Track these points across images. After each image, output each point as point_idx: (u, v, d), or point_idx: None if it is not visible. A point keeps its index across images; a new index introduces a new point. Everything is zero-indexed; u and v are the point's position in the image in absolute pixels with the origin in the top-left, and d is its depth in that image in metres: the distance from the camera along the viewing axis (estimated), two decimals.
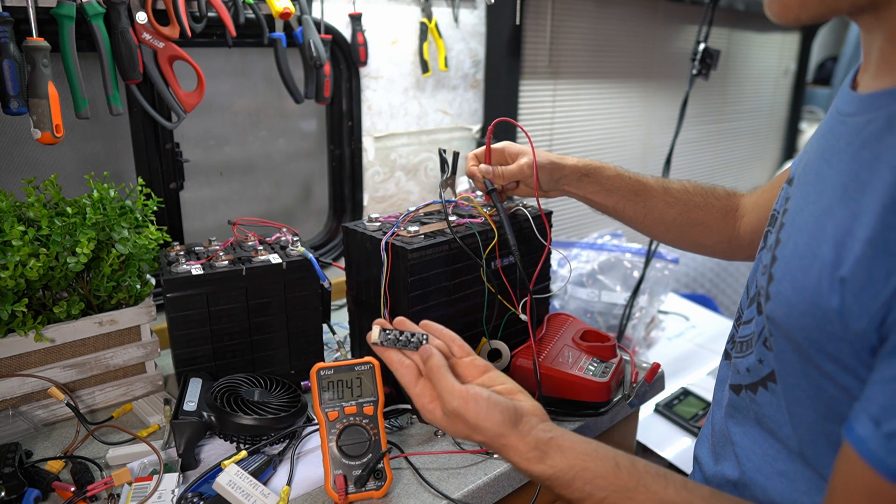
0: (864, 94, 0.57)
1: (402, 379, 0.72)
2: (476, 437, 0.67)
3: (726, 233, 0.99)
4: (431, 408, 0.69)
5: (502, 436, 0.66)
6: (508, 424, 0.66)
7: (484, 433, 0.66)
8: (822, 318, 0.53)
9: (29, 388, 0.94)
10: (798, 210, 0.61)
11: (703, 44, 1.62)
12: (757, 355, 0.65)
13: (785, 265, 0.60)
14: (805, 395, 0.58)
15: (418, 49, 1.55)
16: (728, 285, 2.76)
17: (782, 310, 0.58)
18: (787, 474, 0.62)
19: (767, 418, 0.64)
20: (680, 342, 1.85)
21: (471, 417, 0.65)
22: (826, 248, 0.53)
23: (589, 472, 0.63)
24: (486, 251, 1.00)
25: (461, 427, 0.67)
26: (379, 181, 1.61)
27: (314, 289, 1.06)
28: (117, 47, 1.04)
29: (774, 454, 0.64)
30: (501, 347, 1.03)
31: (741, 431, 0.69)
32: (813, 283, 0.54)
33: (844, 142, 0.57)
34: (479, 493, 0.86)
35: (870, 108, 0.55)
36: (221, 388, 0.93)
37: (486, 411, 0.65)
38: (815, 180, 0.60)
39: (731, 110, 2.91)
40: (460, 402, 0.66)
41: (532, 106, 1.97)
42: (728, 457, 0.71)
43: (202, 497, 0.79)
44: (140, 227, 1.03)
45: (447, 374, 0.69)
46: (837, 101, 0.63)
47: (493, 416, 0.65)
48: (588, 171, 1.00)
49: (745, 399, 0.68)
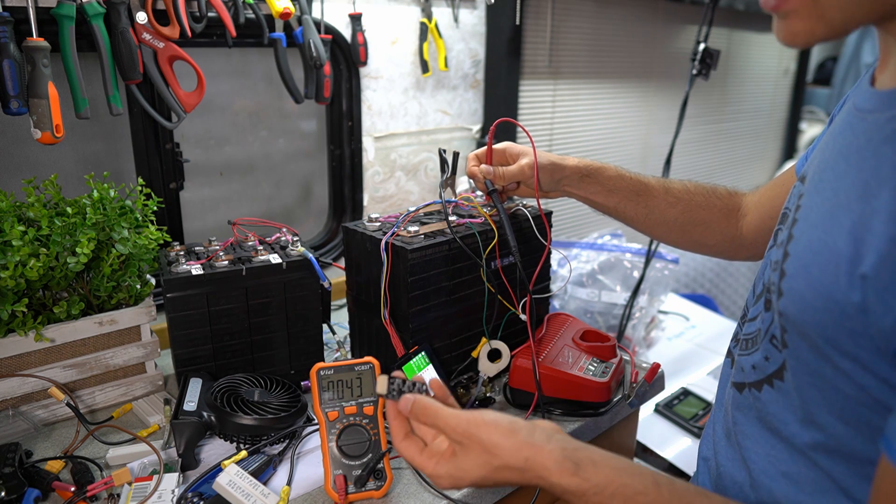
0: (886, 90, 0.57)
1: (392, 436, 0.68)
2: (493, 464, 0.61)
3: (728, 232, 0.99)
4: (422, 461, 0.64)
5: (522, 449, 0.60)
6: (525, 435, 0.61)
7: (502, 452, 0.61)
8: (840, 314, 0.52)
9: (29, 388, 0.94)
10: (813, 206, 0.60)
11: (703, 44, 1.62)
12: (763, 352, 0.65)
13: (798, 260, 0.59)
14: (820, 395, 0.57)
15: (418, 49, 1.55)
16: (728, 285, 2.76)
17: (796, 305, 0.58)
18: (792, 476, 0.61)
19: (772, 416, 0.63)
20: (680, 342, 1.85)
21: (484, 437, 0.61)
22: (841, 242, 0.53)
23: (629, 489, 0.58)
24: (486, 251, 1.00)
25: (472, 458, 0.62)
26: (379, 181, 1.61)
27: (314, 289, 1.06)
28: (117, 47, 1.04)
29: (777, 455, 0.63)
30: (501, 347, 1.03)
31: (745, 432, 0.68)
32: (829, 278, 0.53)
33: (865, 138, 0.57)
34: (479, 493, 0.86)
35: (892, 104, 0.55)
36: (221, 388, 0.93)
37: (498, 427, 0.61)
38: (833, 177, 0.59)
39: (731, 110, 2.91)
40: (469, 425, 0.61)
41: (532, 106, 1.97)
42: (734, 458, 0.70)
43: (202, 497, 0.79)
44: (140, 227, 1.03)
45: (442, 407, 0.64)
46: (855, 98, 0.62)
47: (507, 428, 0.61)
48: (589, 171, 1.00)
49: (748, 397, 0.67)
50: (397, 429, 0.67)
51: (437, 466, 0.64)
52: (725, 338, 1.86)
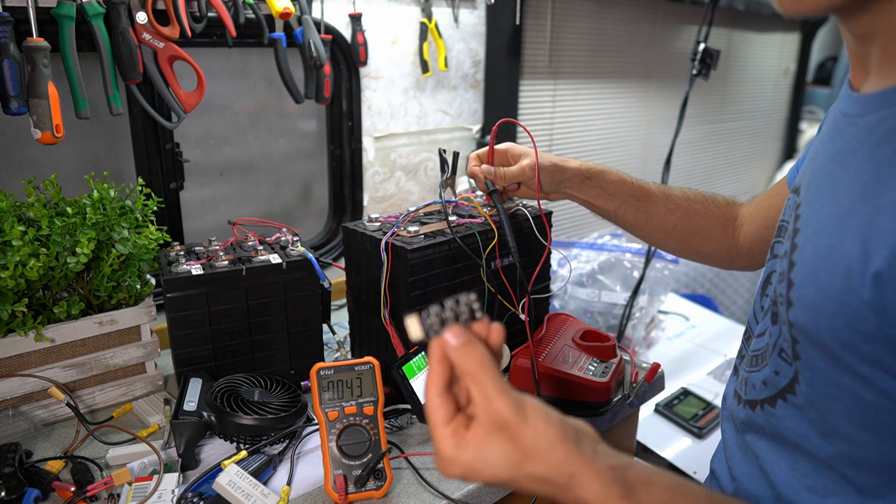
0: (871, 93, 0.57)
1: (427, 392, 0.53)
2: (526, 470, 0.49)
3: (725, 241, 0.99)
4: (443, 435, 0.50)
5: (571, 464, 0.49)
6: (574, 445, 0.49)
7: (544, 462, 0.48)
8: (855, 316, 0.52)
9: (29, 388, 0.94)
10: (813, 214, 0.60)
11: (703, 44, 1.62)
12: (773, 367, 0.64)
13: (805, 268, 0.58)
14: (839, 405, 0.56)
15: (418, 49, 1.55)
16: (728, 285, 2.77)
17: (808, 314, 0.57)
18: (817, 489, 0.60)
19: (790, 431, 0.62)
20: (680, 342, 1.85)
21: (529, 435, 0.48)
22: (851, 245, 0.52)
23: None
24: (486, 251, 1.00)
25: (503, 453, 0.49)
26: (379, 181, 1.61)
27: (314, 289, 1.06)
28: (117, 47, 1.04)
29: (801, 468, 0.61)
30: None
31: (764, 447, 0.66)
32: (840, 281, 0.53)
33: (857, 142, 0.57)
34: (479, 493, 0.86)
35: (880, 105, 0.55)
36: (221, 388, 0.93)
37: (549, 429, 0.49)
38: (829, 183, 0.59)
39: (731, 110, 2.91)
40: (516, 414, 0.48)
41: (532, 106, 1.97)
42: (753, 473, 0.68)
43: (202, 497, 0.79)
44: (140, 227, 1.03)
45: (495, 370, 0.50)
46: (840, 105, 0.63)
47: (558, 433, 0.49)
48: (591, 174, 1.00)
49: (762, 414, 0.66)
50: (437, 376, 0.52)
51: (459, 450, 0.50)
52: (725, 338, 1.87)
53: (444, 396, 0.52)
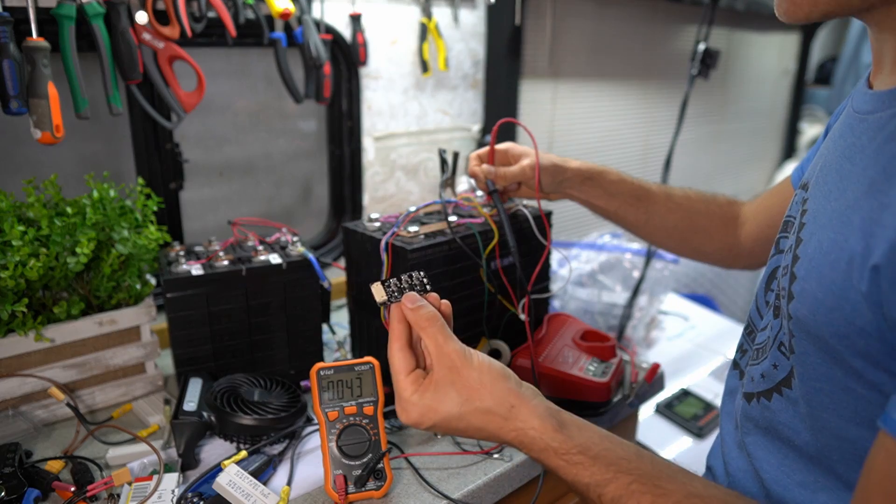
0: (883, 90, 0.58)
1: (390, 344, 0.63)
2: (474, 403, 0.59)
3: (727, 240, 0.99)
4: (406, 383, 0.61)
5: (510, 397, 0.59)
6: (514, 385, 0.59)
7: (487, 395, 0.59)
8: (852, 311, 0.52)
9: (29, 388, 0.94)
10: (819, 209, 0.60)
11: (703, 44, 1.62)
12: (771, 360, 0.64)
13: (808, 262, 0.58)
14: (829, 400, 0.57)
15: (418, 49, 1.55)
16: (728, 285, 2.77)
17: (808, 307, 0.57)
18: (808, 485, 0.60)
19: (783, 426, 0.63)
20: (680, 342, 1.85)
21: (474, 373, 0.59)
22: (854, 240, 0.53)
23: (612, 454, 0.58)
24: (486, 251, 1.00)
25: (453, 393, 0.59)
26: (379, 181, 1.61)
27: (314, 289, 1.06)
28: (117, 47, 1.04)
29: (791, 464, 0.62)
30: (501, 347, 1.03)
31: (755, 442, 0.67)
32: (840, 275, 0.53)
33: (867, 138, 0.57)
34: (479, 493, 0.86)
35: (892, 102, 0.56)
36: (221, 388, 0.93)
37: (491, 369, 0.59)
38: (838, 178, 0.59)
39: (731, 110, 2.91)
40: (462, 359, 0.59)
41: (532, 106, 1.97)
42: (746, 469, 0.68)
43: (202, 497, 0.79)
44: (140, 227, 1.03)
45: (446, 327, 0.61)
46: (854, 102, 0.63)
47: (500, 373, 0.59)
48: (591, 174, 1.00)
49: (757, 408, 0.66)
50: (398, 334, 0.63)
51: (417, 394, 0.61)
52: (725, 338, 1.87)
53: (405, 351, 0.63)
